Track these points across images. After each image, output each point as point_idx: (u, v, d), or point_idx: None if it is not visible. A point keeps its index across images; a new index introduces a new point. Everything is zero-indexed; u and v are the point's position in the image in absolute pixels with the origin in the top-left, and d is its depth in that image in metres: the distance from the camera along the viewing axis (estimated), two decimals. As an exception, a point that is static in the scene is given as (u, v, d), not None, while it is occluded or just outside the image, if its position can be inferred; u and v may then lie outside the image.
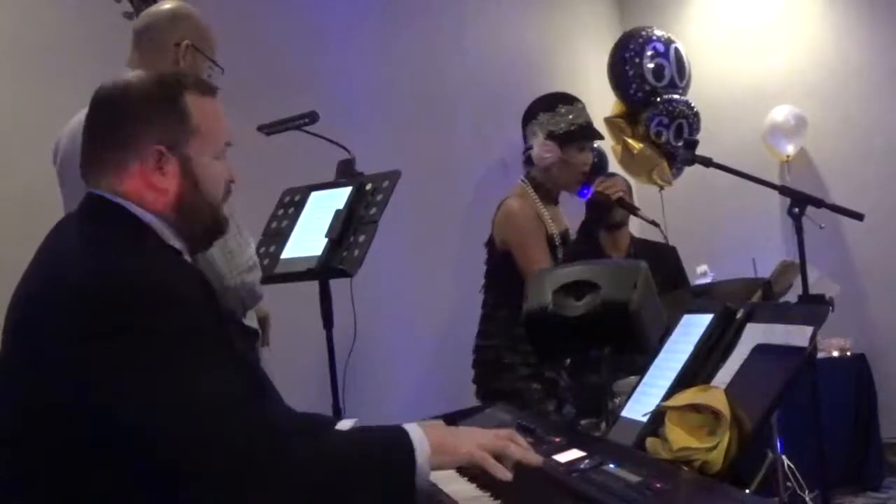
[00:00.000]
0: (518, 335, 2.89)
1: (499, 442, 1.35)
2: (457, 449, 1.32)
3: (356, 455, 1.27)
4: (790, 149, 5.14)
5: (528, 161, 3.07)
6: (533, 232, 2.96)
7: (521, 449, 1.37)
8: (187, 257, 1.43)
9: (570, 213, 3.27)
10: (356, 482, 1.24)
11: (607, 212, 3.01)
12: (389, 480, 1.27)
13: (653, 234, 4.55)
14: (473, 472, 1.46)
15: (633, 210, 3.35)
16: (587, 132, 3.05)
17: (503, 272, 2.99)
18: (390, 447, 1.29)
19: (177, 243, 1.40)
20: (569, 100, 3.08)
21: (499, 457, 1.34)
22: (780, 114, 5.10)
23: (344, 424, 1.62)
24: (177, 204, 1.39)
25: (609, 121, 5.14)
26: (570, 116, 3.03)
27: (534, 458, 1.38)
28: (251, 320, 2.35)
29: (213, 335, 1.26)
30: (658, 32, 5.05)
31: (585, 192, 3.78)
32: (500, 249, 3.01)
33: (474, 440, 1.35)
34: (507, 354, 2.93)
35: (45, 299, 1.26)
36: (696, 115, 4.91)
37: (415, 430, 1.31)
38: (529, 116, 3.08)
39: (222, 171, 1.46)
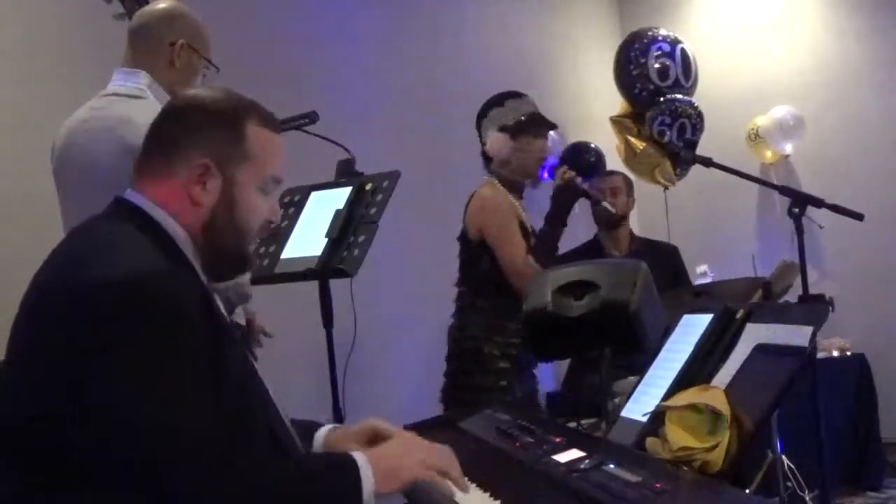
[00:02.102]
0: (497, 326, 2.91)
1: (440, 464, 1.36)
2: (400, 474, 1.31)
3: (300, 490, 1.25)
4: (788, 148, 5.14)
5: (488, 158, 3.09)
6: (507, 216, 2.97)
7: (457, 475, 1.37)
8: (201, 275, 1.41)
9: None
10: None
11: (575, 199, 3.00)
12: None
13: (654, 234, 4.56)
14: (473, 473, 1.46)
15: (596, 200, 3.34)
16: (536, 121, 3.07)
17: (479, 262, 2.99)
18: (336, 481, 1.28)
19: (195, 262, 1.39)
20: (516, 95, 3.11)
21: (443, 474, 1.35)
22: (779, 113, 5.10)
23: (321, 430, 1.60)
24: (207, 222, 1.39)
25: (614, 120, 5.15)
26: (522, 108, 3.06)
27: (463, 485, 1.38)
28: (239, 318, 2.36)
29: (205, 359, 1.24)
30: (664, 32, 5.05)
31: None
32: (475, 239, 3.00)
33: (417, 458, 1.34)
34: (486, 346, 2.91)
35: (51, 303, 1.25)
36: (700, 115, 4.91)
37: (361, 460, 1.29)
38: (481, 116, 3.12)
39: (264, 207, 1.45)
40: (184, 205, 1.37)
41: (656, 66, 4.91)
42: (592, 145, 5.11)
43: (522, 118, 3.04)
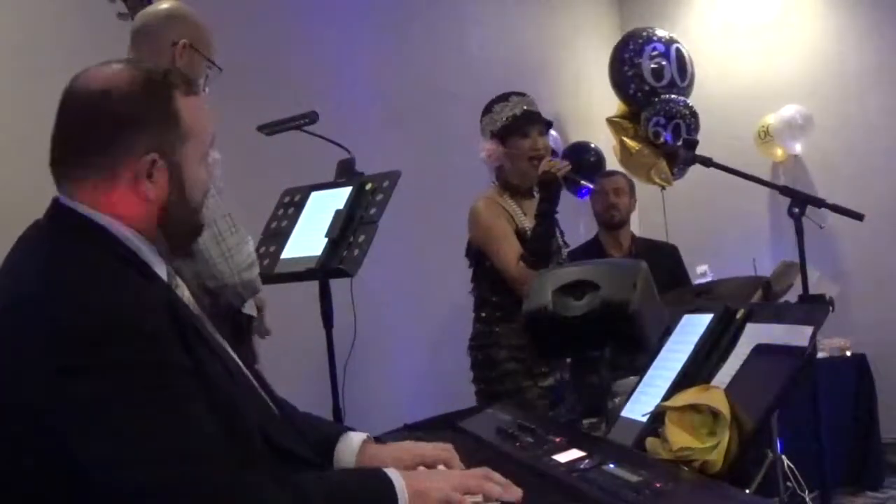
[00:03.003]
0: (502, 332, 2.94)
1: (473, 482, 1.31)
2: (430, 494, 1.28)
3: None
4: (798, 147, 5.14)
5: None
6: (497, 226, 2.99)
7: (498, 486, 1.31)
8: (161, 270, 1.34)
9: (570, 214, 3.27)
10: None
11: (558, 189, 3.00)
12: None
13: (652, 234, 4.56)
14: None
15: (578, 182, 3.41)
16: (523, 119, 3.06)
17: (480, 271, 3.05)
18: (371, 495, 1.26)
19: (152, 257, 1.33)
20: (504, 97, 3.12)
21: (480, 489, 1.30)
22: (788, 112, 5.09)
23: (355, 438, 1.56)
24: (161, 212, 1.31)
25: (611, 121, 5.15)
26: (506, 111, 3.07)
27: (514, 491, 1.31)
28: (250, 308, 2.37)
29: (178, 371, 1.18)
30: (660, 32, 5.05)
31: (584, 192, 3.77)
32: (475, 250, 3.07)
33: (449, 483, 1.30)
34: (494, 351, 2.95)
35: (11, 325, 1.16)
36: (694, 115, 4.91)
37: (396, 478, 1.27)
38: (480, 123, 3.15)
39: (206, 175, 1.39)
40: (133, 204, 1.29)
41: (651, 66, 4.91)
42: (592, 145, 5.12)
43: (507, 121, 3.05)
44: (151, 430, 1.11)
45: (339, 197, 2.70)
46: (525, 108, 3.09)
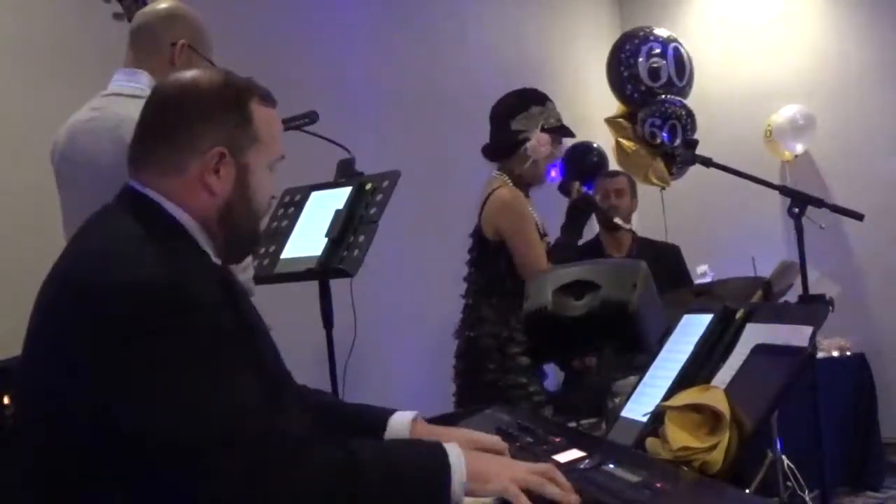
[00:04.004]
0: (514, 325, 2.86)
1: (534, 478, 1.27)
2: (490, 479, 1.26)
3: (388, 473, 1.23)
4: (799, 148, 5.14)
5: (502, 153, 3.06)
6: (529, 219, 2.96)
7: (558, 488, 1.26)
8: (217, 260, 1.41)
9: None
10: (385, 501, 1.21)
11: (589, 214, 3.08)
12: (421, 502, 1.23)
13: (652, 234, 4.56)
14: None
15: (607, 217, 3.64)
16: (565, 127, 3.12)
17: (494, 263, 2.97)
18: (427, 470, 1.25)
19: (208, 249, 1.39)
20: (548, 97, 3.12)
21: (533, 493, 1.27)
22: (788, 113, 5.09)
23: (405, 417, 1.56)
24: (223, 209, 1.37)
25: (609, 121, 5.15)
26: (556, 112, 3.09)
27: (573, 498, 1.26)
28: None
29: (233, 340, 1.24)
30: (658, 32, 5.04)
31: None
32: (493, 240, 2.97)
33: (511, 473, 1.27)
34: (501, 343, 2.89)
35: (71, 299, 1.24)
36: (691, 115, 4.89)
37: (454, 453, 1.27)
38: (518, 109, 3.06)
39: (272, 185, 1.45)
40: (198, 196, 1.35)
41: (647, 66, 4.91)
42: (595, 145, 5.11)
43: (560, 123, 3.08)
44: (208, 390, 1.17)
45: (339, 197, 2.70)
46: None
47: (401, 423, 1.57)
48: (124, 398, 1.16)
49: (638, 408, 1.69)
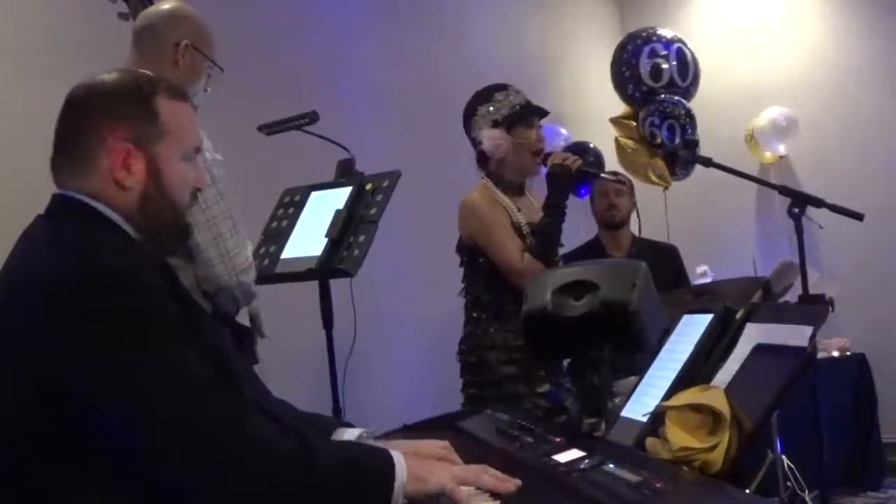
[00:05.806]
0: (497, 334, 2.83)
1: (469, 475, 1.38)
2: (429, 478, 1.34)
3: (338, 465, 1.29)
4: (782, 149, 5.14)
5: (482, 159, 3.00)
6: (494, 218, 2.89)
7: (495, 479, 1.37)
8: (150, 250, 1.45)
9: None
10: (333, 492, 1.28)
11: (570, 183, 2.94)
12: (364, 499, 1.30)
13: (653, 234, 4.56)
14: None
15: (596, 175, 3.41)
16: (529, 110, 2.97)
17: (473, 269, 2.94)
18: (372, 469, 1.32)
19: (140, 240, 1.42)
20: (502, 87, 3.00)
21: (476, 484, 1.37)
22: (771, 114, 5.10)
23: (350, 433, 1.62)
24: (141, 202, 1.40)
25: (614, 121, 5.15)
26: (509, 100, 2.96)
27: (510, 483, 1.37)
28: (243, 318, 2.36)
29: (180, 320, 1.30)
30: (662, 32, 5.04)
31: (584, 192, 3.73)
32: (468, 246, 2.94)
33: (447, 472, 1.37)
34: (488, 354, 2.84)
35: (20, 296, 1.28)
36: (690, 115, 4.88)
37: (398, 457, 1.34)
38: (469, 116, 3.01)
39: (190, 175, 1.47)
40: (114, 192, 1.38)
41: (649, 66, 4.90)
42: (591, 145, 5.11)
43: (515, 109, 2.93)
44: (155, 367, 1.22)
45: (339, 197, 2.70)
46: (526, 99, 2.99)
47: (350, 434, 1.64)
48: (82, 380, 1.20)
49: (638, 408, 1.69)
